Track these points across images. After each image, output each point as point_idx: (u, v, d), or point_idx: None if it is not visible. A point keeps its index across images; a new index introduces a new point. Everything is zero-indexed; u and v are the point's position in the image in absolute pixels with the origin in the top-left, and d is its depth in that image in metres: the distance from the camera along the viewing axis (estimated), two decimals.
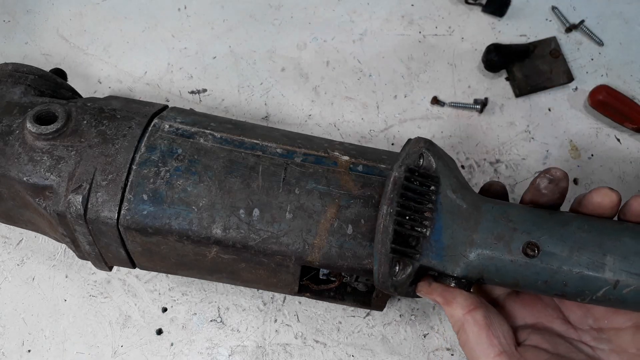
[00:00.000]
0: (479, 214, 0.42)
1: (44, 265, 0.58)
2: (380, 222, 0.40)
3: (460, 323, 0.42)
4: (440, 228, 0.42)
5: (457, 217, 0.42)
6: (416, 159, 0.43)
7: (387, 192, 0.41)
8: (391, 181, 0.41)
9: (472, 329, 0.41)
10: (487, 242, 0.41)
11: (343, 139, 0.65)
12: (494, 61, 0.66)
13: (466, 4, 0.71)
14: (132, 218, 0.44)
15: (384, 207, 0.41)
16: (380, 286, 0.42)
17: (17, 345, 0.55)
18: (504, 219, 0.42)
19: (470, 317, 0.42)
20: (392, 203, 0.41)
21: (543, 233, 0.41)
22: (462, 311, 0.42)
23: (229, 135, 0.48)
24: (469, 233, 0.42)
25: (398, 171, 0.42)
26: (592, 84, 0.66)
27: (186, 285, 0.58)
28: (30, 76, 0.52)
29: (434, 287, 0.43)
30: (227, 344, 0.56)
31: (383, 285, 0.41)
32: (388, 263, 0.40)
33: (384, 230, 0.40)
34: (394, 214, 0.40)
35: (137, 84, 0.68)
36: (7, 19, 0.71)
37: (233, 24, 0.71)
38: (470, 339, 0.41)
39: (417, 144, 0.43)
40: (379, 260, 0.41)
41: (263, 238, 0.44)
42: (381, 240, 0.40)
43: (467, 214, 0.42)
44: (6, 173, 0.46)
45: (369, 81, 0.68)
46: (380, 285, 0.42)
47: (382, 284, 0.41)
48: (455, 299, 0.42)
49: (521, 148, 0.65)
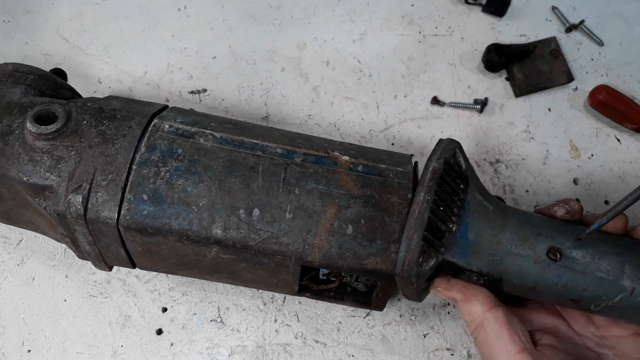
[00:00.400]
0: (505, 217, 0.43)
1: (44, 265, 0.58)
2: (416, 209, 0.40)
3: (480, 320, 0.42)
4: (467, 225, 0.42)
5: (484, 217, 0.43)
6: (452, 155, 0.43)
7: (426, 181, 0.41)
8: (430, 170, 0.42)
9: (492, 326, 0.41)
10: (513, 242, 0.42)
11: (343, 139, 0.65)
12: (494, 61, 0.66)
13: (466, 4, 0.71)
14: (132, 218, 0.44)
15: (422, 194, 0.41)
16: (403, 274, 0.41)
17: (17, 345, 0.55)
18: (528, 224, 0.43)
19: (491, 315, 0.41)
20: (430, 191, 0.41)
21: (566, 239, 0.42)
22: (482, 308, 0.42)
23: (229, 135, 0.48)
24: (495, 233, 0.43)
25: (437, 162, 0.42)
26: (592, 84, 0.66)
27: (186, 285, 0.58)
28: (30, 76, 0.52)
29: (453, 283, 0.43)
30: (227, 344, 0.56)
31: (407, 273, 0.40)
32: (418, 250, 0.40)
33: (419, 217, 0.40)
34: (430, 202, 0.41)
35: (137, 84, 0.68)
36: (7, 19, 0.71)
37: (233, 24, 0.71)
38: (491, 336, 0.41)
39: (451, 142, 0.44)
40: (408, 246, 0.40)
41: (263, 238, 0.44)
42: (414, 226, 0.40)
43: (493, 216, 0.43)
44: (6, 173, 0.46)
45: (369, 81, 0.68)
46: (403, 272, 0.41)
47: (405, 272, 0.40)
48: (475, 295, 0.42)
49: (521, 148, 0.65)
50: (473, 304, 0.42)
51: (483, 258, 0.43)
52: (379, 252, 0.44)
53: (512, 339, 0.41)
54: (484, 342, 0.42)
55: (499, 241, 0.43)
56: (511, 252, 0.42)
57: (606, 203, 0.62)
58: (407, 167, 0.48)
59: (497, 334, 0.41)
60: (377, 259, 0.44)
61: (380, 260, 0.44)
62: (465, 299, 0.42)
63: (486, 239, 0.43)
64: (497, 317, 0.41)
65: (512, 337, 0.41)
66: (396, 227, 0.44)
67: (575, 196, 0.62)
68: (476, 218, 0.43)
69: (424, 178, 0.42)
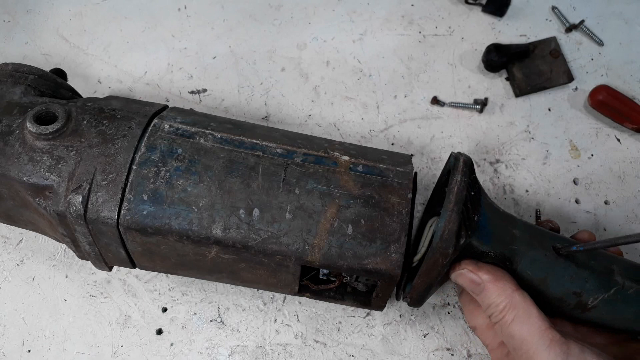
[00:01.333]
0: (513, 218, 0.48)
1: (44, 265, 0.58)
2: (454, 186, 0.43)
3: (509, 300, 0.43)
4: (486, 219, 0.45)
5: (497, 215, 0.47)
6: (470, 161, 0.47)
7: (460, 167, 0.45)
8: (462, 161, 0.45)
9: (522, 305, 0.43)
10: (525, 237, 0.46)
11: (343, 139, 0.65)
12: (494, 61, 0.66)
13: (466, 4, 0.71)
14: (132, 218, 0.44)
15: (459, 175, 0.44)
16: (441, 244, 0.42)
17: (17, 345, 0.55)
18: (532, 226, 0.48)
19: (519, 294, 0.43)
20: (465, 175, 0.44)
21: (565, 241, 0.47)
22: (512, 287, 0.44)
23: (229, 135, 0.48)
24: (510, 228, 0.46)
25: (465, 156, 0.46)
26: (592, 84, 0.66)
27: (186, 285, 0.58)
28: (30, 76, 0.52)
29: (480, 265, 0.45)
30: (227, 344, 0.56)
31: (446, 242, 0.42)
32: (458, 222, 0.42)
33: (458, 193, 0.43)
34: (467, 183, 0.44)
35: (137, 84, 0.68)
36: (7, 19, 0.71)
37: (233, 24, 0.71)
38: (521, 314, 0.43)
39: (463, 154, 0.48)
40: (449, 217, 0.42)
41: (263, 238, 0.44)
42: (454, 200, 0.43)
43: (503, 215, 0.47)
44: (6, 173, 0.46)
45: (369, 81, 0.68)
46: (442, 242, 0.42)
47: (445, 242, 0.42)
48: (504, 276, 0.44)
49: (521, 148, 0.65)
50: (502, 283, 0.44)
51: (503, 245, 0.45)
52: (379, 252, 0.44)
53: (541, 316, 0.43)
54: (514, 321, 0.43)
55: (513, 235, 0.46)
56: (525, 244, 0.46)
57: (606, 203, 0.62)
58: (407, 167, 0.48)
59: (527, 312, 0.43)
60: (377, 259, 0.44)
61: (380, 260, 0.44)
62: (495, 279, 0.44)
63: (503, 232, 0.46)
64: (524, 296, 0.43)
65: (540, 314, 0.43)
66: (396, 227, 0.44)
67: (575, 196, 0.62)
68: (491, 214, 0.46)
69: (457, 165, 0.45)
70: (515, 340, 0.43)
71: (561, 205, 0.62)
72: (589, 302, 0.46)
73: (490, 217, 0.46)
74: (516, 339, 0.43)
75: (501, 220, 0.47)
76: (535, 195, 0.62)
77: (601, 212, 0.62)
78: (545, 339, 0.42)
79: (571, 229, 0.61)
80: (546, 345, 0.41)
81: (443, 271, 0.44)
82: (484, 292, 0.44)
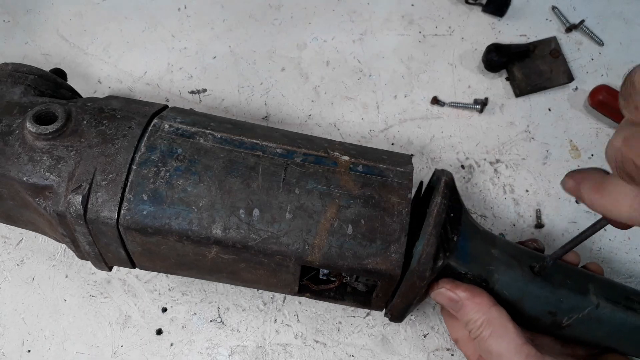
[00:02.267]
0: (493, 237, 0.48)
1: (44, 265, 0.58)
2: (434, 209, 0.44)
3: (486, 316, 0.44)
4: (465, 238, 0.46)
5: (477, 235, 0.47)
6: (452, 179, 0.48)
7: (441, 188, 0.45)
8: (443, 181, 0.46)
9: (499, 320, 0.44)
10: (503, 257, 0.47)
11: (343, 139, 0.65)
12: (494, 61, 0.66)
13: (466, 4, 0.71)
14: (132, 218, 0.44)
15: (439, 198, 0.45)
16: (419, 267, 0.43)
17: (17, 345, 0.55)
18: (511, 247, 0.48)
19: (496, 310, 0.44)
20: (446, 197, 0.45)
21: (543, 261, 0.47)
22: (489, 303, 0.44)
23: (229, 135, 0.48)
24: (489, 248, 0.47)
25: (447, 176, 0.47)
26: (592, 84, 0.66)
27: (186, 285, 0.58)
28: (30, 76, 0.52)
29: (457, 283, 0.45)
30: (227, 344, 0.56)
31: (423, 266, 0.43)
32: (435, 246, 0.43)
33: (437, 216, 0.44)
34: (446, 205, 0.45)
35: (137, 84, 0.68)
36: (7, 19, 0.71)
37: (233, 24, 0.71)
38: (498, 329, 0.43)
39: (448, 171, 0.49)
40: (427, 241, 0.43)
41: (263, 238, 0.44)
42: (433, 223, 0.43)
43: (483, 235, 0.48)
44: (6, 173, 0.46)
45: (369, 81, 0.68)
46: (419, 266, 0.43)
47: (422, 265, 0.43)
48: (481, 293, 0.45)
49: (521, 148, 0.65)
50: (479, 299, 0.44)
51: (481, 266, 0.46)
52: (379, 252, 0.44)
53: (517, 332, 0.44)
54: (491, 336, 0.44)
55: (492, 255, 0.47)
56: (503, 264, 0.46)
57: None
58: (407, 167, 0.48)
59: (504, 328, 0.44)
60: (377, 259, 0.44)
61: (380, 260, 0.44)
62: (472, 296, 0.45)
63: (481, 252, 0.47)
64: (501, 312, 0.44)
65: (517, 330, 0.44)
66: (396, 227, 0.44)
67: None
68: (471, 234, 0.47)
69: (438, 186, 0.46)
70: (493, 355, 0.44)
71: (561, 205, 0.62)
72: (564, 321, 0.47)
73: (469, 238, 0.47)
74: (493, 354, 0.44)
75: (481, 240, 0.47)
76: (535, 195, 0.62)
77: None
78: (521, 354, 0.43)
79: (571, 229, 0.61)
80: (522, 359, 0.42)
81: (421, 292, 0.45)
82: (462, 309, 0.45)
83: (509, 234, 0.61)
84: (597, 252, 0.60)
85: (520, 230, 0.61)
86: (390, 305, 0.48)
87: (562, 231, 0.61)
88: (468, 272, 0.46)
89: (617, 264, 0.60)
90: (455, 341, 0.51)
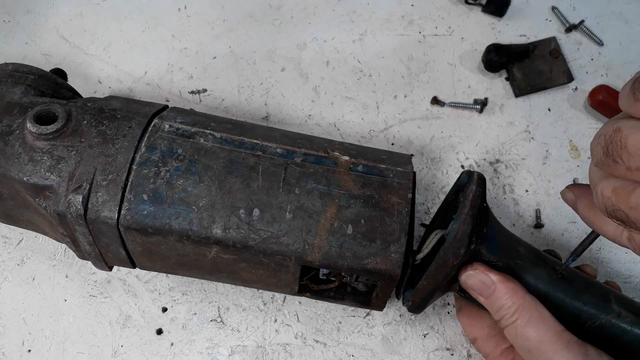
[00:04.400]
0: (517, 238, 0.48)
1: (44, 265, 0.59)
2: (469, 194, 0.44)
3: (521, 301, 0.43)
4: (494, 232, 0.46)
5: (503, 233, 0.47)
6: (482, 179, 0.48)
7: (475, 177, 0.45)
8: (477, 175, 0.46)
9: (536, 307, 0.43)
10: (529, 255, 0.47)
11: (343, 139, 0.65)
12: (494, 61, 0.66)
13: (466, 4, 0.71)
14: (132, 218, 0.44)
15: (473, 186, 0.45)
16: (453, 244, 0.42)
17: (17, 345, 0.55)
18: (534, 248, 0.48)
19: (530, 297, 0.43)
20: (480, 186, 0.45)
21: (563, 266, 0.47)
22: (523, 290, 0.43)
23: (229, 135, 0.48)
24: (515, 245, 0.47)
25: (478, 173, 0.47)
26: (592, 84, 0.66)
27: (186, 285, 0.58)
28: (31, 76, 0.52)
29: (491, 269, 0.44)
30: (227, 344, 0.56)
31: (459, 243, 0.42)
32: (471, 225, 0.43)
33: (473, 200, 0.44)
34: (481, 192, 0.45)
35: (137, 84, 0.68)
36: (7, 19, 0.71)
37: (233, 24, 0.71)
38: (536, 316, 0.42)
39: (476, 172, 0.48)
40: (464, 220, 0.42)
41: (263, 238, 0.44)
42: (470, 205, 0.43)
43: (509, 234, 0.48)
44: (6, 173, 0.46)
45: (369, 81, 0.68)
46: (454, 242, 0.42)
47: (458, 242, 0.42)
48: (514, 280, 0.44)
49: (521, 148, 0.65)
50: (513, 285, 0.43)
51: (509, 257, 0.46)
52: (379, 252, 0.44)
53: (555, 319, 0.42)
54: (529, 322, 0.42)
55: (518, 251, 0.47)
56: (529, 260, 0.46)
57: None
58: (407, 167, 0.48)
59: (541, 314, 0.42)
60: (377, 259, 0.44)
61: (380, 260, 0.44)
62: (506, 280, 0.43)
63: (509, 247, 0.46)
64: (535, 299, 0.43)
65: (553, 317, 0.43)
66: (396, 227, 0.44)
67: None
68: (498, 231, 0.47)
69: (472, 177, 0.46)
70: (532, 342, 0.42)
71: (561, 205, 0.62)
72: (587, 324, 0.46)
73: (497, 233, 0.46)
74: (532, 341, 0.42)
75: (507, 237, 0.47)
76: (535, 195, 0.63)
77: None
78: (563, 340, 0.41)
79: (571, 229, 0.61)
80: (564, 345, 0.41)
81: (451, 274, 0.44)
82: (494, 294, 0.43)
83: None
84: (596, 252, 0.60)
85: (520, 230, 0.61)
86: (415, 290, 0.46)
87: (562, 231, 0.61)
88: (498, 261, 0.45)
89: (617, 264, 0.60)
90: (473, 340, 0.50)
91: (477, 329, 0.49)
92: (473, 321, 0.50)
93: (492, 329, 0.49)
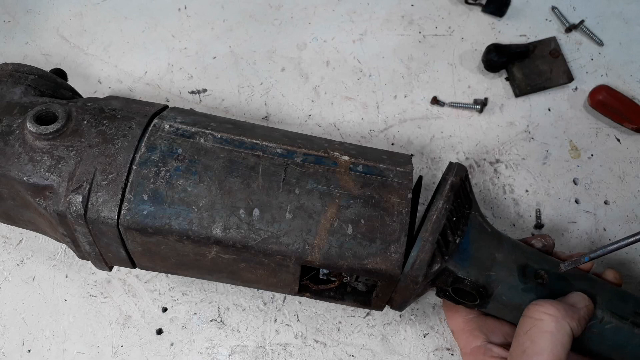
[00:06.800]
0: (500, 240, 0.48)
1: (44, 265, 0.59)
2: (434, 214, 0.44)
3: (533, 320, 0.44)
4: (469, 240, 0.46)
5: (483, 236, 0.47)
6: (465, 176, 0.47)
7: (445, 191, 0.45)
8: (449, 183, 0.45)
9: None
10: (507, 262, 0.46)
11: (343, 139, 0.65)
12: (494, 61, 0.66)
13: (466, 4, 0.71)
14: (132, 218, 0.44)
15: (440, 202, 0.44)
16: (412, 272, 0.43)
17: (17, 345, 0.55)
18: (518, 249, 0.48)
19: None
20: (448, 201, 0.44)
21: (550, 267, 0.47)
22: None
23: (229, 135, 0.48)
24: (492, 252, 0.46)
25: (455, 178, 0.46)
26: (592, 84, 0.66)
27: (186, 285, 0.58)
28: (31, 76, 0.52)
29: None
30: (227, 343, 0.56)
31: (416, 272, 0.43)
32: (431, 252, 0.43)
33: (436, 222, 0.43)
34: (448, 210, 0.44)
35: (137, 84, 0.68)
36: (7, 19, 0.71)
37: (233, 24, 0.71)
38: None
39: (462, 166, 0.48)
40: (422, 247, 0.43)
41: (263, 238, 0.44)
42: (431, 229, 0.43)
43: (490, 237, 0.47)
44: (6, 173, 0.46)
45: (369, 81, 0.68)
46: (413, 271, 0.43)
47: (415, 271, 0.43)
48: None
49: (521, 148, 0.65)
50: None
51: (480, 271, 0.46)
52: (379, 252, 0.44)
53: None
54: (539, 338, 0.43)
55: (495, 259, 0.46)
56: (505, 270, 0.46)
57: (606, 203, 0.62)
58: (407, 167, 0.48)
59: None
60: (377, 259, 0.44)
61: (380, 260, 0.44)
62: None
63: (484, 255, 0.46)
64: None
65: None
66: (396, 227, 0.44)
67: (575, 196, 0.62)
68: (476, 235, 0.47)
69: (443, 188, 0.45)
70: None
71: (561, 205, 0.62)
72: None
73: (474, 239, 0.46)
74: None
75: (486, 243, 0.47)
76: (535, 195, 0.63)
77: (601, 212, 0.62)
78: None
79: (571, 229, 0.61)
80: None
81: (416, 292, 0.46)
82: None
83: (509, 234, 0.61)
84: None
85: (520, 230, 0.61)
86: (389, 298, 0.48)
87: (562, 231, 0.61)
88: (466, 278, 0.45)
89: (616, 264, 0.60)
90: (452, 331, 0.53)
91: (453, 321, 0.52)
92: (450, 313, 0.53)
93: (466, 324, 0.51)
